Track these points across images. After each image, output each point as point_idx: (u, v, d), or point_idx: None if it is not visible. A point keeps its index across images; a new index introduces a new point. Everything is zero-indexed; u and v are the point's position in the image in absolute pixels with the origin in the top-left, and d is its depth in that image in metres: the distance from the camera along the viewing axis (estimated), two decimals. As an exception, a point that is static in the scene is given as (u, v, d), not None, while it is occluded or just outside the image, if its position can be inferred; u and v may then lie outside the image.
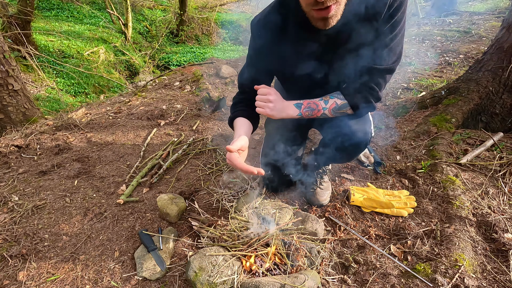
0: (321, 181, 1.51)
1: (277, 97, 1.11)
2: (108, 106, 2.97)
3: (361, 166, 1.77)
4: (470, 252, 1.16)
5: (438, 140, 1.87)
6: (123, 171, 1.80)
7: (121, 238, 1.31)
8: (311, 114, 1.11)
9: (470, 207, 1.36)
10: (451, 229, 1.25)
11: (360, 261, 1.17)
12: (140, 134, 2.26)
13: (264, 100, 1.10)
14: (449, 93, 2.26)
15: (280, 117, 1.11)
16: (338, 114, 1.12)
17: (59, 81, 5.02)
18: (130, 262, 1.20)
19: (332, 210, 1.44)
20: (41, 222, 1.40)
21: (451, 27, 5.37)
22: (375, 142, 2.03)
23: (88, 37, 6.54)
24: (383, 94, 1.06)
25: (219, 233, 1.23)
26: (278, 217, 1.32)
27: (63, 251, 1.25)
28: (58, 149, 2.03)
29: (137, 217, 1.42)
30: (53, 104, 4.38)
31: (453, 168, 1.61)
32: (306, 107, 1.10)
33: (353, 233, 1.30)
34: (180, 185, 1.65)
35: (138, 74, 6.73)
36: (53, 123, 2.43)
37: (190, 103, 2.83)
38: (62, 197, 1.56)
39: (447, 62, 3.63)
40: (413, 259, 1.18)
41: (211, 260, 1.09)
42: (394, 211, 1.38)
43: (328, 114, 1.12)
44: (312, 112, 1.11)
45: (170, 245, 1.23)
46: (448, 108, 2.11)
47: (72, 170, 1.79)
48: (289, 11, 0.99)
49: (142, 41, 8.23)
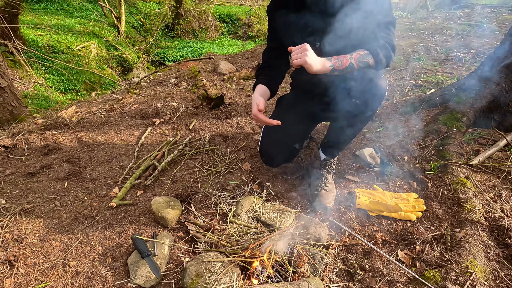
0: (326, 182, 1.52)
1: (309, 47, 1.20)
2: (100, 104, 2.97)
3: (367, 167, 1.77)
4: (482, 258, 1.16)
5: (448, 140, 1.87)
6: (115, 173, 1.80)
7: (113, 244, 1.31)
8: (340, 64, 1.22)
9: (482, 211, 1.36)
10: (462, 234, 1.25)
11: (366, 268, 1.17)
12: (133, 133, 2.26)
13: (301, 50, 1.19)
14: (459, 90, 2.26)
15: (316, 69, 1.19)
16: (362, 64, 1.25)
17: (48, 78, 5.02)
18: (123, 268, 1.20)
19: (337, 213, 1.44)
20: (29, 226, 1.40)
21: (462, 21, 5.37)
22: (382, 142, 2.04)
23: (79, 31, 6.54)
24: (395, 47, 1.30)
25: (217, 238, 1.23)
26: (279, 221, 1.33)
27: (53, 257, 1.25)
28: (47, 150, 2.03)
29: (131, 221, 1.42)
30: (42, 102, 4.39)
31: (464, 170, 1.61)
32: (335, 59, 1.22)
33: (358, 238, 1.30)
34: (176, 188, 1.65)
35: (132, 70, 6.73)
36: (41, 122, 2.43)
37: (186, 101, 2.83)
38: (52, 200, 1.56)
39: (458, 58, 3.63)
40: (421, 266, 1.18)
41: (208, 266, 1.09)
42: (401, 214, 1.39)
43: (354, 64, 1.23)
44: (341, 62, 1.22)
45: (166, 251, 1.23)
46: (458, 106, 2.11)
47: (62, 172, 1.79)
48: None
49: (136, 36, 8.23)
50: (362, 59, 1.23)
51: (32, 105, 4.05)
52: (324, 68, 1.21)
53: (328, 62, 1.21)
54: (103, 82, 5.62)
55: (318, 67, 1.19)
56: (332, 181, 1.57)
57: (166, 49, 8.03)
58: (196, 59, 4.42)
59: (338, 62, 1.22)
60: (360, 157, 1.86)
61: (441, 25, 5.22)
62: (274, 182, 1.69)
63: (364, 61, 1.24)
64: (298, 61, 1.18)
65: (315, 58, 1.19)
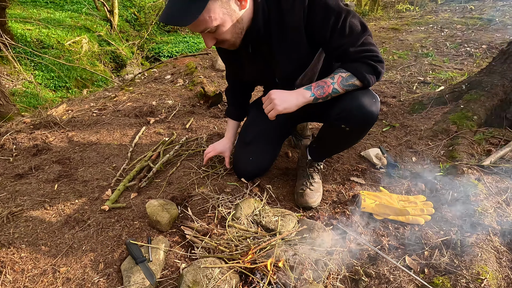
0: (312, 181, 1.53)
1: (277, 91, 1.22)
2: (91, 102, 2.97)
3: (373, 168, 1.77)
4: (493, 264, 1.16)
5: (458, 139, 1.87)
6: (108, 174, 1.80)
7: (106, 249, 1.31)
8: (322, 92, 1.20)
9: (493, 214, 1.36)
10: (472, 239, 1.25)
11: (371, 274, 1.17)
12: (127, 133, 2.26)
13: (268, 102, 1.22)
14: (470, 88, 2.26)
15: (295, 106, 1.20)
16: (348, 87, 1.21)
17: (38, 74, 5.02)
18: (117, 275, 1.20)
19: (341, 217, 1.44)
20: (17, 230, 1.40)
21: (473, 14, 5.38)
22: (389, 142, 2.04)
23: (70, 26, 6.55)
24: (381, 56, 1.22)
25: (215, 243, 1.23)
26: (280, 225, 1.33)
27: (42, 263, 1.25)
28: (36, 150, 2.03)
29: (124, 225, 1.42)
30: (31, 99, 4.39)
31: (475, 171, 1.61)
32: (315, 87, 1.20)
33: (363, 243, 1.30)
34: (172, 190, 1.65)
35: (125, 67, 6.73)
36: (30, 120, 2.43)
37: (183, 99, 2.83)
38: (41, 203, 1.56)
39: (468, 53, 3.64)
40: (430, 272, 1.18)
41: (206, 273, 1.09)
42: (409, 218, 1.38)
43: (338, 88, 1.21)
44: (323, 89, 1.20)
45: (161, 256, 1.23)
46: (469, 104, 2.11)
47: (51, 173, 1.79)
48: None
49: (130, 30, 8.23)
50: (346, 82, 1.20)
51: (21, 103, 4.05)
52: (304, 100, 1.20)
53: (307, 92, 1.20)
54: (95, 79, 5.62)
55: (297, 104, 1.19)
56: (319, 181, 1.59)
57: (161, 44, 8.03)
58: (193, 55, 4.42)
59: (319, 91, 1.20)
60: (365, 157, 1.86)
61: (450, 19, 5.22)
62: (275, 184, 1.69)
63: (349, 83, 1.20)
64: (271, 113, 1.20)
65: (288, 99, 1.19)
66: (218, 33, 1.11)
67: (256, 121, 1.69)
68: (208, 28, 1.06)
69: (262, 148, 1.63)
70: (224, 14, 1.07)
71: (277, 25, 1.18)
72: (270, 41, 1.22)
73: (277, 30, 1.19)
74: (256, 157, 1.61)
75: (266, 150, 1.65)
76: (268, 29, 1.19)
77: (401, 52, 4.07)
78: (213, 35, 1.12)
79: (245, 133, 1.69)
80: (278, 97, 1.19)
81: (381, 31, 5.46)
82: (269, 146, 1.66)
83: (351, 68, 1.19)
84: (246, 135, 1.67)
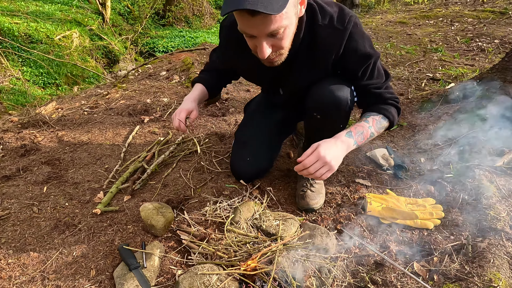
0: (313, 182, 1.54)
1: (325, 147, 1.14)
2: (82, 99, 2.98)
3: (379, 170, 1.77)
4: (506, 270, 1.16)
5: (469, 139, 1.87)
6: (100, 176, 1.80)
7: (98, 254, 1.31)
8: (362, 138, 1.24)
9: (506, 218, 1.36)
10: (484, 244, 1.25)
11: (378, 281, 1.18)
12: (120, 132, 2.26)
13: (321, 164, 1.13)
14: (482, 85, 2.26)
15: (343, 156, 1.20)
16: (380, 129, 1.30)
17: (26, 71, 5.02)
18: (109, 282, 1.20)
19: (345, 222, 1.44)
20: (4, 235, 1.40)
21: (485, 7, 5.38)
22: (396, 142, 2.04)
23: (60, 19, 6.55)
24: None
25: (212, 249, 1.23)
26: (282, 230, 1.33)
27: (30, 269, 1.25)
28: (24, 150, 2.03)
29: (117, 230, 1.42)
30: (19, 97, 4.39)
31: (487, 172, 1.61)
32: (356, 134, 1.23)
33: (369, 249, 1.30)
34: (167, 192, 1.66)
35: (118, 62, 6.73)
36: (18, 119, 2.44)
37: (178, 96, 2.83)
38: (29, 206, 1.57)
39: (480, 48, 3.64)
40: (440, 279, 1.18)
41: (203, 280, 1.09)
42: (418, 222, 1.39)
43: (374, 132, 1.27)
44: (362, 135, 1.24)
45: (156, 263, 1.24)
46: (481, 102, 2.11)
47: (40, 175, 1.80)
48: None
49: (123, 24, 8.24)
50: (380, 124, 1.29)
51: (8, 101, 4.05)
52: (348, 150, 1.22)
53: (350, 141, 1.21)
54: (87, 75, 5.62)
55: (342, 156, 1.19)
56: (321, 182, 1.59)
57: (156, 39, 8.03)
58: (189, 50, 4.43)
59: (359, 137, 1.23)
60: (371, 158, 1.86)
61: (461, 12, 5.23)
62: (276, 186, 1.69)
63: (382, 126, 1.29)
64: (324, 176, 1.15)
65: (337, 154, 1.16)
66: (280, 37, 1.02)
67: (252, 119, 1.69)
68: (281, 27, 0.97)
69: (260, 148, 1.62)
70: (293, 15, 1.01)
71: (308, 45, 1.21)
72: (295, 56, 1.22)
73: (306, 48, 1.22)
74: (254, 157, 1.60)
75: (264, 150, 1.64)
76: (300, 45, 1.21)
77: (409, 47, 4.07)
78: (273, 41, 1.03)
79: (242, 132, 1.69)
80: (331, 155, 1.13)
81: (388, 25, 5.46)
82: (267, 146, 1.66)
83: (382, 111, 1.29)
84: (243, 134, 1.67)
